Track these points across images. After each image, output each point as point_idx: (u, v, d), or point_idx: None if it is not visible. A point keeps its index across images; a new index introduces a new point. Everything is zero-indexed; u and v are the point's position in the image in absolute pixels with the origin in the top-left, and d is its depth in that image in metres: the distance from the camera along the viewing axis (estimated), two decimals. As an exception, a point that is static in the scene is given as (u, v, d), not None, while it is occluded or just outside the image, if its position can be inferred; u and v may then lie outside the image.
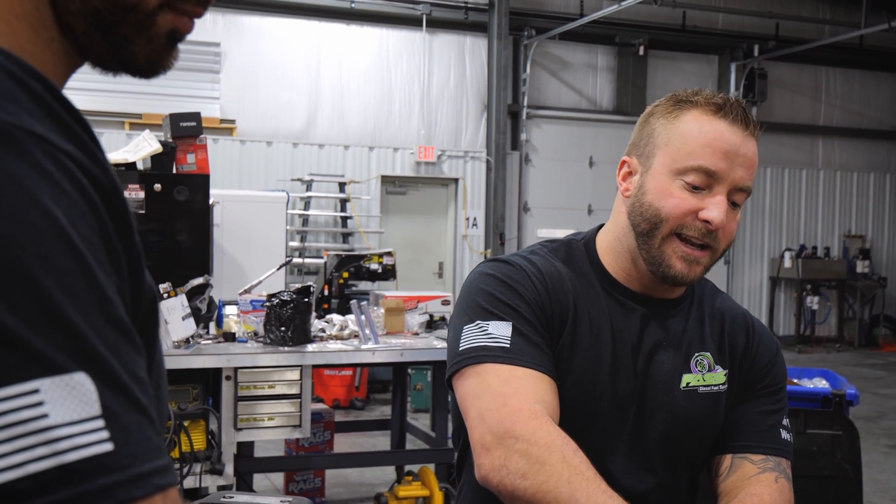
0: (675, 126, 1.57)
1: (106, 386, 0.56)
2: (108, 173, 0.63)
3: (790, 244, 13.94)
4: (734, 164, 1.53)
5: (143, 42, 0.70)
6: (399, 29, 11.60)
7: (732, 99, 1.58)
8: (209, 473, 4.18)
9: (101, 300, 0.58)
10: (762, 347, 1.72)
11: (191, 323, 4.16)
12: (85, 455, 0.54)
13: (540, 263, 1.63)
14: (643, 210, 1.57)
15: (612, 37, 12.61)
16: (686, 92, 1.61)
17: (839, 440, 2.97)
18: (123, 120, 10.31)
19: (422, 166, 11.77)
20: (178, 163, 4.88)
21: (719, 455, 1.66)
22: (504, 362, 1.49)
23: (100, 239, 0.60)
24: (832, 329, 13.96)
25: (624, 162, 1.64)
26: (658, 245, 1.56)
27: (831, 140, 14.32)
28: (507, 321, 1.53)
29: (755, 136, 1.57)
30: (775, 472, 1.61)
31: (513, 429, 1.40)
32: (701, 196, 1.54)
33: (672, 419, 1.62)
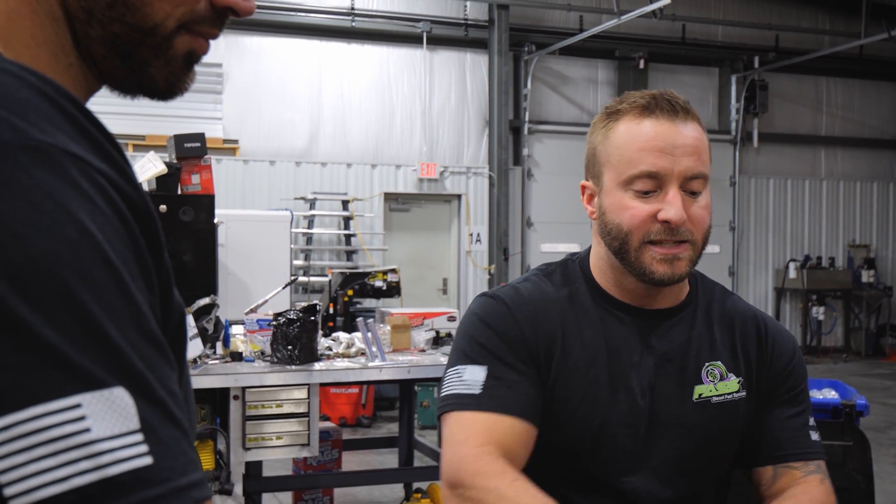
0: (611, 140, 1.59)
1: (143, 400, 0.57)
2: (139, 191, 0.64)
3: (794, 255, 13.93)
4: (675, 157, 1.53)
5: (162, 65, 0.72)
6: (400, 47, 11.65)
7: (658, 93, 1.58)
8: (218, 493, 4.17)
9: (136, 315, 0.59)
10: (778, 349, 1.70)
11: (198, 343, 4.16)
12: (127, 468, 0.55)
13: (528, 293, 1.64)
14: (609, 229, 1.59)
15: (612, 51, 12.64)
16: (615, 101, 1.62)
17: (850, 451, 2.96)
18: (127, 142, 10.34)
19: (424, 183, 11.79)
20: (183, 184, 4.90)
21: (760, 468, 1.65)
22: (468, 409, 1.53)
23: (132, 255, 0.61)
24: (839, 339, 13.92)
25: (583, 187, 1.67)
26: (634, 257, 1.57)
27: (833, 150, 14.33)
28: (482, 366, 1.56)
29: (691, 119, 1.57)
30: (818, 474, 1.63)
31: (458, 477, 1.46)
32: (655, 199, 1.55)
33: (687, 433, 1.60)
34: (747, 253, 13.79)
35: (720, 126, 13.57)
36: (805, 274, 13.43)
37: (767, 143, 13.76)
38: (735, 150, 13.59)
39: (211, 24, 0.73)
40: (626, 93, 1.64)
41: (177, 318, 0.68)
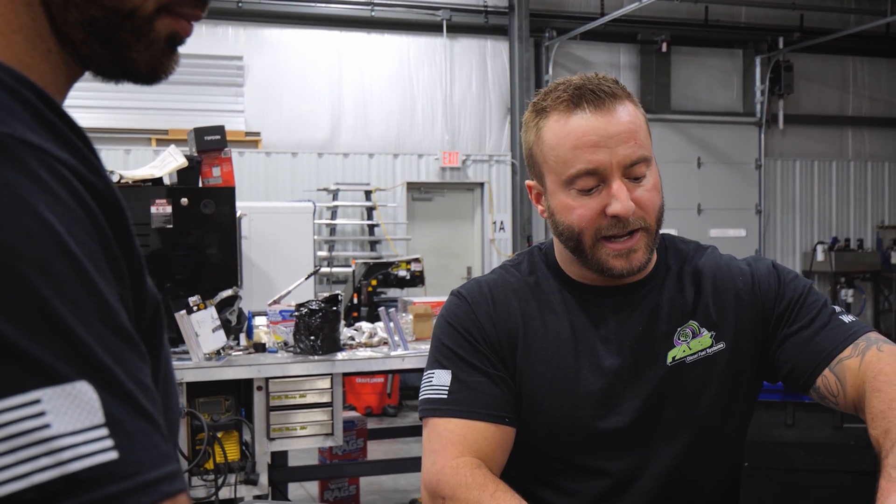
0: (543, 140, 1.54)
1: (109, 394, 0.56)
2: (105, 181, 0.62)
3: (822, 237, 13.79)
4: (610, 149, 1.48)
5: (143, 48, 0.70)
6: (420, 35, 11.62)
7: (581, 82, 1.52)
8: (244, 484, 4.19)
9: (102, 308, 0.57)
10: (760, 281, 1.64)
11: (221, 335, 4.18)
12: (89, 464, 0.53)
13: (491, 285, 1.65)
14: (561, 230, 1.57)
15: (634, 35, 12.55)
16: (540, 95, 1.57)
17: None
18: (150, 136, 10.40)
19: (447, 172, 11.77)
20: (204, 176, 4.91)
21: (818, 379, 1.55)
22: (440, 415, 1.55)
23: (99, 246, 0.59)
24: (868, 322, 13.73)
25: (530, 186, 1.64)
26: (591, 255, 1.55)
27: (861, 130, 14.15)
28: (446, 369, 1.58)
29: (619, 101, 1.50)
30: (871, 345, 1.52)
31: (438, 489, 1.49)
32: (599, 194, 1.51)
33: (664, 399, 1.58)
34: (774, 236, 13.66)
35: (745, 108, 13.44)
36: (833, 256, 13.29)
37: (793, 124, 13.61)
38: (760, 133, 13.46)
39: (192, 6, 0.72)
40: (551, 84, 1.58)
41: (151, 310, 0.67)
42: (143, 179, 4.72)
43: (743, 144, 13.39)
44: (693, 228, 12.95)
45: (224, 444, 4.14)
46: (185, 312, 4.04)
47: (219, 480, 4.08)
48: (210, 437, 4.06)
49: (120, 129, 10.30)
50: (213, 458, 4.10)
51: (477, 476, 1.46)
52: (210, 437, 4.06)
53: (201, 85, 10.54)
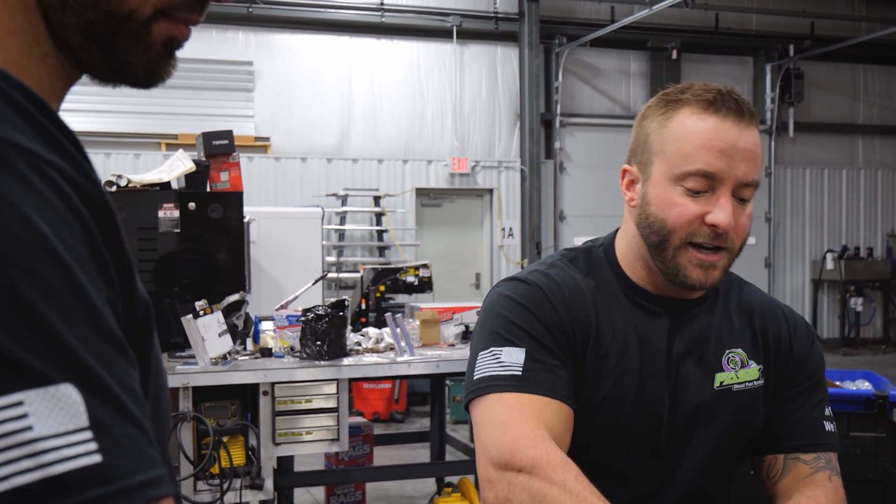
0: (668, 129, 1.51)
1: (94, 397, 0.55)
2: (96, 184, 0.62)
3: (832, 245, 13.74)
4: (734, 161, 1.47)
5: (141, 52, 0.70)
6: (430, 41, 11.64)
7: (724, 89, 1.51)
8: (249, 488, 4.19)
9: (90, 311, 0.57)
10: (798, 338, 1.66)
11: (227, 339, 4.19)
12: (72, 467, 0.53)
13: (559, 278, 1.58)
14: (650, 222, 1.52)
15: (644, 41, 12.54)
16: (675, 88, 1.55)
17: (884, 443, 2.91)
18: (160, 141, 10.44)
19: (456, 178, 11.78)
20: (212, 181, 4.92)
21: (770, 456, 1.62)
22: (511, 391, 1.45)
23: (87, 250, 0.59)
24: (878, 330, 13.72)
25: (625, 170, 1.59)
26: (671, 256, 1.51)
27: (871, 138, 14.11)
28: (520, 347, 1.49)
29: (753, 124, 1.50)
30: (828, 469, 1.58)
31: (513, 460, 1.36)
32: (705, 199, 1.48)
33: (708, 421, 1.58)
34: (784, 244, 13.62)
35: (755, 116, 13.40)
36: (843, 265, 13.24)
37: (804, 132, 13.57)
38: (771, 141, 13.43)
39: (191, 10, 0.71)
40: (688, 81, 1.56)
41: (142, 314, 0.66)
42: (151, 184, 4.73)
43: (753, 152, 13.33)
44: (702, 236, 12.93)
45: (230, 449, 4.14)
46: (191, 317, 4.05)
47: (224, 485, 4.08)
48: (215, 442, 4.06)
49: (130, 134, 10.34)
50: (218, 462, 4.10)
51: (559, 454, 1.36)
52: (215, 442, 4.06)
53: (211, 90, 10.58)
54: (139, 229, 4.68)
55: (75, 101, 9.79)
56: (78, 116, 10.00)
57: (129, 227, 4.68)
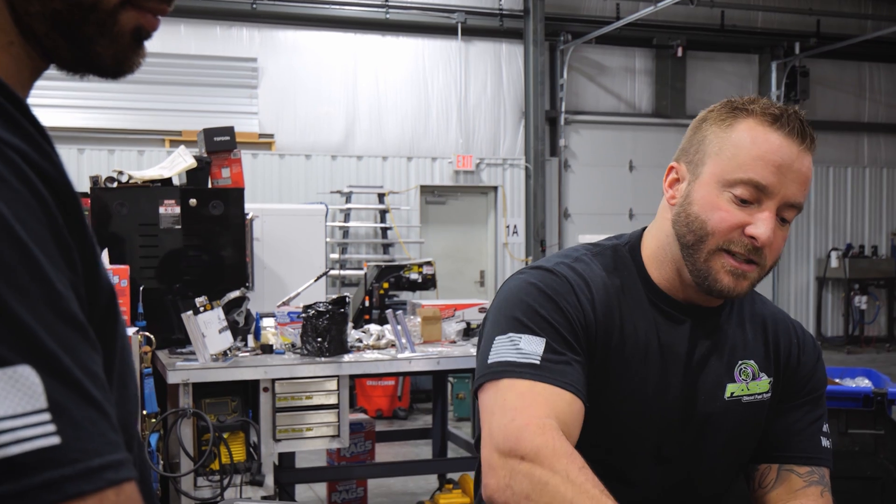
0: (728, 135, 1.51)
1: (54, 380, 0.55)
2: (58, 168, 0.62)
3: (836, 244, 13.71)
4: (786, 179, 1.47)
5: (108, 42, 0.69)
6: (435, 38, 11.63)
7: (791, 109, 1.51)
8: (250, 485, 4.20)
9: (50, 295, 0.57)
10: (806, 353, 1.67)
11: (228, 336, 4.19)
12: (29, 448, 0.53)
13: (586, 274, 1.57)
14: (689, 221, 1.52)
15: (650, 39, 12.52)
16: (743, 99, 1.55)
17: (882, 440, 2.90)
18: (163, 137, 10.45)
19: (460, 175, 11.77)
20: (214, 177, 4.92)
21: (764, 465, 1.62)
22: (526, 378, 1.43)
23: (49, 233, 0.59)
24: (882, 329, 13.68)
25: (672, 168, 1.59)
26: (704, 259, 1.51)
27: (877, 137, 14.06)
28: (541, 337, 1.47)
29: (811, 150, 1.51)
30: (820, 485, 1.59)
31: (518, 446, 1.34)
32: (749, 210, 1.48)
33: (715, 431, 1.59)
34: (788, 242, 13.57)
35: (760, 114, 13.38)
36: (847, 263, 13.21)
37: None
38: (775, 138, 13.38)
39: (158, 0, 0.71)
40: (755, 95, 1.58)
41: (106, 298, 0.66)
42: (153, 180, 4.74)
43: (758, 150, 13.30)
44: (707, 234, 12.90)
45: (230, 445, 4.15)
46: (191, 313, 4.05)
47: (224, 481, 4.08)
48: (216, 438, 4.07)
49: (133, 130, 10.35)
50: (218, 458, 4.11)
51: (566, 444, 1.35)
52: (216, 438, 4.07)
53: (215, 86, 10.59)
54: (140, 225, 4.69)
55: (78, 97, 9.81)
56: (81, 113, 10.02)
57: (130, 224, 4.69)
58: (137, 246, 4.69)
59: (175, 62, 10.28)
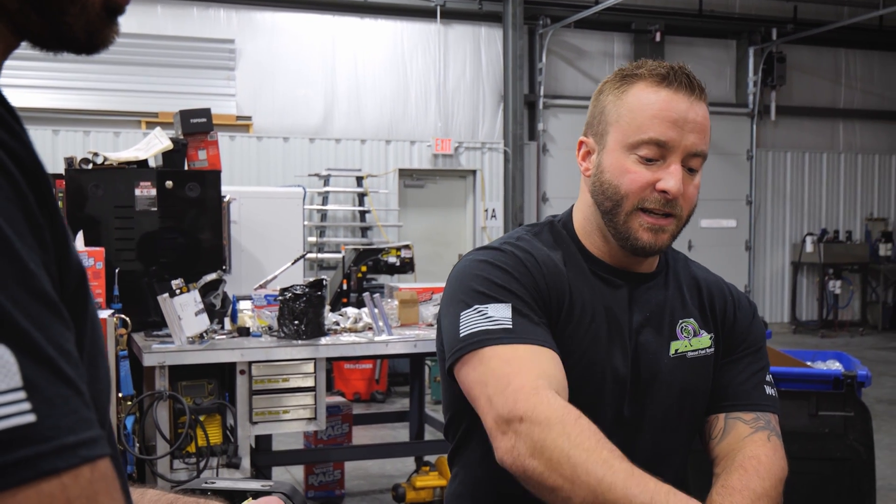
0: (623, 101, 1.59)
1: (27, 358, 0.55)
2: (28, 147, 0.61)
3: (812, 229, 13.82)
4: (684, 132, 1.55)
5: (78, 12, 0.68)
6: (414, 21, 11.59)
7: (677, 66, 1.59)
8: (226, 467, 4.20)
9: (22, 273, 0.57)
10: (741, 310, 1.76)
11: (204, 318, 4.18)
12: (4, 426, 0.53)
13: (531, 249, 1.64)
14: (604, 189, 1.61)
15: (629, 24, 12.53)
16: (631, 65, 1.63)
17: (852, 422, 2.94)
18: (140, 119, 10.37)
19: (439, 159, 11.76)
20: (190, 159, 4.90)
21: (712, 416, 1.69)
22: (506, 342, 1.48)
23: (20, 212, 0.58)
24: (855, 313, 13.83)
25: (581, 142, 1.68)
26: (623, 221, 1.59)
27: (852, 123, 14.17)
28: (506, 303, 1.52)
29: (703, 99, 1.59)
30: (767, 430, 1.64)
31: (515, 410, 1.39)
32: (656, 167, 1.56)
33: (667, 388, 1.65)
34: (764, 227, 13.69)
35: (737, 99, 13.45)
36: (822, 248, 13.34)
37: (785, 116, 13.62)
38: (752, 124, 13.47)
39: None
40: (642, 59, 1.65)
41: (76, 277, 0.66)
42: (128, 162, 4.71)
43: (735, 135, 13.39)
44: (684, 218, 12.96)
45: (206, 428, 4.15)
46: (167, 295, 4.04)
47: (201, 464, 4.09)
48: (192, 421, 4.07)
49: (109, 112, 10.26)
50: (195, 441, 4.11)
51: (558, 399, 1.40)
52: (192, 421, 4.07)
53: (192, 68, 10.51)
54: (116, 207, 4.66)
55: (54, 77, 9.72)
56: (57, 94, 9.92)
57: (105, 206, 4.66)
58: (113, 228, 4.67)
59: (151, 43, 10.19)
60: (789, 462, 1.64)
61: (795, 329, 13.44)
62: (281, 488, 1.09)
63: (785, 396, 3.09)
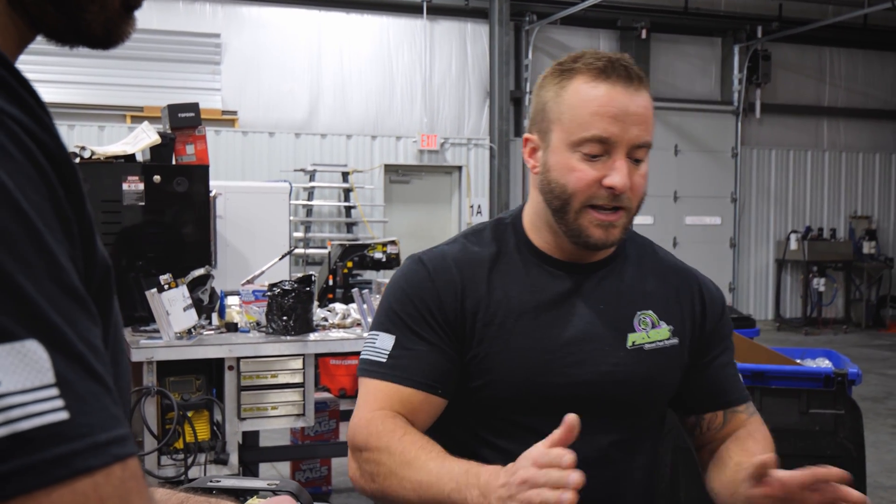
0: (563, 98, 1.59)
1: (59, 354, 0.54)
2: (57, 140, 0.61)
3: (796, 226, 13.89)
4: (626, 125, 1.55)
5: (97, 9, 0.68)
6: (399, 17, 11.56)
7: (614, 57, 1.58)
8: (214, 463, 4.18)
9: (53, 267, 0.56)
10: (711, 301, 1.77)
11: (192, 314, 4.16)
12: (39, 423, 0.52)
13: (453, 256, 1.67)
14: (552, 188, 1.61)
15: (614, 21, 12.55)
16: (568, 58, 1.62)
17: (842, 420, 2.95)
18: (125, 113, 10.31)
19: (425, 154, 11.75)
20: (178, 154, 4.86)
21: (709, 414, 1.74)
22: (375, 377, 1.61)
23: (50, 205, 0.58)
24: (839, 311, 13.91)
25: (527, 139, 1.67)
26: (573, 218, 1.60)
27: (836, 121, 14.25)
28: (391, 334, 1.62)
29: (642, 88, 1.58)
30: (756, 413, 1.77)
31: (355, 440, 1.57)
32: (602, 163, 1.56)
33: (623, 380, 1.65)
34: (749, 224, 13.75)
35: (722, 97, 13.49)
36: (806, 245, 13.40)
37: (770, 113, 13.68)
38: (737, 121, 13.52)
39: None
40: (581, 51, 1.63)
41: (102, 272, 0.65)
42: (116, 156, 4.67)
43: (720, 132, 13.44)
44: (669, 216, 13.01)
45: (194, 424, 4.12)
46: (155, 291, 4.01)
47: (188, 460, 4.06)
48: (180, 417, 4.04)
49: (94, 105, 10.19)
50: (182, 437, 4.09)
51: (388, 424, 1.53)
52: (180, 417, 4.04)
53: (178, 62, 10.45)
54: (103, 202, 4.62)
55: (38, 70, 9.63)
56: (41, 87, 9.79)
57: (92, 200, 4.57)
58: (100, 222, 4.63)
59: (137, 36, 9.83)
60: (779, 460, 1.66)
61: (779, 326, 13.51)
62: (287, 487, 1.08)
63: (776, 394, 3.11)
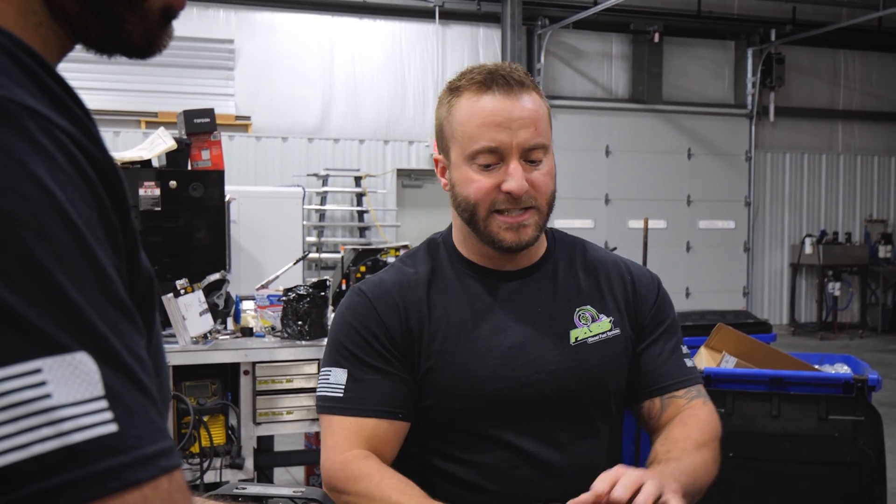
0: (453, 115, 1.66)
1: (108, 366, 0.55)
2: (104, 150, 0.61)
3: (811, 230, 13.83)
4: (513, 131, 1.60)
5: (138, 20, 0.69)
6: (412, 21, 11.58)
7: (494, 67, 1.65)
8: (229, 468, 4.18)
9: (101, 277, 0.56)
10: (643, 289, 1.80)
11: (208, 318, 4.17)
12: (90, 436, 0.53)
13: (391, 281, 1.72)
14: (459, 201, 1.68)
15: (627, 24, 12.53)
16: (457, 76, 1.69)
17: (862, 426, 2.93)
18: (139, 118, 10.35)
19: (437, 159, 11.75)
20: (193, 159, 4.88)
21: (647, 401, 1.76)
22: (335, 413, 1.66)
23: (97, 215, 0.58)
24: (855, 315, 13.84)
25: (436, 160, 1.76)
26: (484, 226, 1.66)
27: (851, 124, 14.18)
28: (343, 368, 1.67)
29: (526, 91, 1.63)
30: (700, 397, 1.76)
31: (332, 483, 1.62)
32: (497, 171, 1.62)
33: (571, 376, 1.69)
34: (763, 228, 13.70)
35: (736, 100, 13.45)
36: (821, 249, 13.33)
37: (784, 117, 13.63)
38: (751, 125, 13.48)
39: None
40: (468, 67, 1.70)
41: (145, 283, 0.65)
42: (132, 161, 4.69)
43: (733, 136, 13.40)
44: (682, 220, 12.97)
45: (210, 428, 4.13)
46: (172, 296, 4.02)
47: (204, 464, 4.07)
48: (196, 421, 4.05)
49: (109, 111, 10.23)
50: (198, 441, 4.09)
51: (363, 467, 1.58)
52: (196, 421, 4.05)
53: (191, 68, 10.49)
54: (119, 207, 4.64)
55: (53, 77, 9.69)
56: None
57: (108, 205, 4.64)
58: (116, 228, 4.64)
59: None
60: (798, 466, 1.65)
61: (794, 331, 13.45)
62: (313, 494, 1.08)
63: (794, 400, 3.09)
